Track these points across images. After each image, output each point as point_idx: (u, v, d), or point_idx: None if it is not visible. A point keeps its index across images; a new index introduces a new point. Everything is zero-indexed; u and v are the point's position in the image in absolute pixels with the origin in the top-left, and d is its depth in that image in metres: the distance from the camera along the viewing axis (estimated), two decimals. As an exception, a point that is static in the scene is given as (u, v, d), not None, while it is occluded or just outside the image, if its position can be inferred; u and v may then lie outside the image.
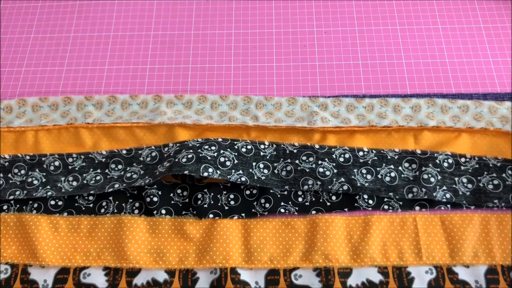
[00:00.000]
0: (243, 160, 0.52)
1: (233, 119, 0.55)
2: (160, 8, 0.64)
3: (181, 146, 0.52)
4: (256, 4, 0.64)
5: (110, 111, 0.57)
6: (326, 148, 0.52)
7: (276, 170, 0.52)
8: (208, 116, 0.56)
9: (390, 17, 0.62)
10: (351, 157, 0.52)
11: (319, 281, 0.46)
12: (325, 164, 0.51)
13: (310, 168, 0.51)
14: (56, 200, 0.51)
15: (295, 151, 0.53)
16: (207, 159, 0.50)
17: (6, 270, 0.48)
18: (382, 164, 0.52)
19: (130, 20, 0.63)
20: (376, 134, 0.54)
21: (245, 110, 0.56)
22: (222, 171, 0.50)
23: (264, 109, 0.56)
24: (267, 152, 0.53)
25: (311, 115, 0.55)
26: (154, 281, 0.47)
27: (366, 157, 0.52)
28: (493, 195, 0.50)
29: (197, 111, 0.56)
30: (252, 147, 0.53)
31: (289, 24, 0.62)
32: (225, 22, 0.63)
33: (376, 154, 0.52)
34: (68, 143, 0.55)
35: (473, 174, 0.51)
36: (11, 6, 0.65)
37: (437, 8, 0.62)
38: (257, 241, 0.48)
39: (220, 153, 0.51)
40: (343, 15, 0.62)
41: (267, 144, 0.53)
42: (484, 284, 0.46)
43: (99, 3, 0.65)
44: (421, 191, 0.49)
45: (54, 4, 0.65)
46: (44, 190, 0.51)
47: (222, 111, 0.56)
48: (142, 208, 0.50)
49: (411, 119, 0.54)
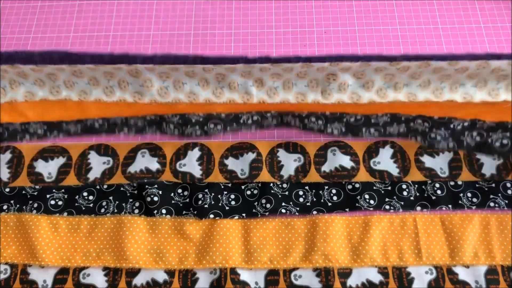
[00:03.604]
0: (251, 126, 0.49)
1: (233, 85, 0.45)
2: (160, 8, 0.64)
3: (182, 118, 0.48)
4: (256, 4, 0.64)
5: (77, 71, 0.43)
6: (338, 114, 0.48)
7: (285, 121, 0.49)
8: (203, 78, 0.45)
9: (390, 17, 0.62)
10: (362, 118, 0.48)
11: (319, 281, 0.46)
12: (334, 126, 0.48)
13: (317, 129, 0.48)
14: (56, 200, 0.51)
15: (303, 115, 0.48)
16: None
17: (5, 270, 0.48)
18: (393, 124, 0.48)
19: (130, 20, 0.63)
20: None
21: (246, 72, 0.44)
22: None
23: (271, 71, 0.44)
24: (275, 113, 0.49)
25: (327, 79, 0.44)
26: (154, 281, 0.47)
27: (378, 119, 0.48)
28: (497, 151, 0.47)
29: (186, 73, 0.44)
30: (258, 117, 0.49)
31: (289, 24, 0.62)
32: (225, 22, 0.62)
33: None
34: (53, 108, 0.47)
35: (487, 130, 0.47)
36: (11, 6, 0.65)
37: (437, 8, 0.62)
38: (257, 241, 0.48)
39: (227, 129, 0.49)
40: (343, 15, 0.62)
41: (273, 113, 0.49)
42: (484, 284, 0.46)
43: (99, 3, 0.65)
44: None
45: (54, 4, 0.65)
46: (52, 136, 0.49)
47: (219, 73, 0.44)
48: (143, 208, 0.50)
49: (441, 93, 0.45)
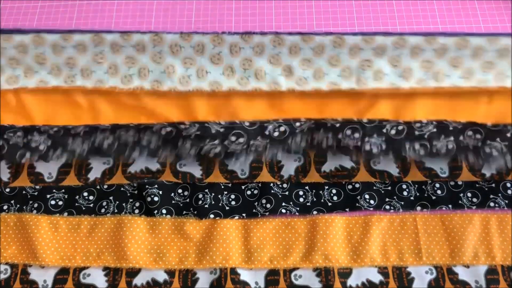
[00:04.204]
0: (277, 146, 0.46)
1: (259, 73, 0.44)
2: (160, 8, 0.64)
3: (201, 129, 0.46)
4: (256, 4, 0.64)
5: (98, 55, 0.46)
6: (376, 122, 0.44)
7: (315, 141, 0.46)
8: (228, 66, 0.45)
9: (390, 17, 0.62)
10: (405, 129, 0.44)
11: (319, 281, 0.46)
12: (372, 141, 0.44)
13: (354, 146, 0.45)
14: (57, 200, 0.51)
15: (337, 125, 0.45)
16: (235, 153, 0.46)
17: (6, 270, 0.48)
18: (441, 136, 0.44)
19: (130, 20, 0.63)
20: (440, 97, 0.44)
21: (275, 56, 0.44)
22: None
23: (301, 54, 0.44)
24: (304, 126, 0.45)
25: (361, 66, 0.45)
26: (154, 281, 0.47)
27: (423, 129, 0.44)
28: None
29: (212, 57, 0.45)
30: (286, 128, 0.45)
31: (289, 24, 0.62)
32: (225, 22, 0.62)
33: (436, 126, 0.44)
34: (62, 111, 0.48)
35: None
36: (11, 6, 0.65)
37: (437, 8, 0.62)
38: (257, 241, 0.48)
39: (250, 144, 0.45)
40: (343, 15, 0.62)
41: (303, 121, 0.45)
42: (484, 284, 0.46)
43: (99, 3, 0.65)
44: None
45: (54, 4, 0.65)
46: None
47: (246, 58, 0.44)
48: (143, 208, 0.50)
49: (491, 66, 0.44)
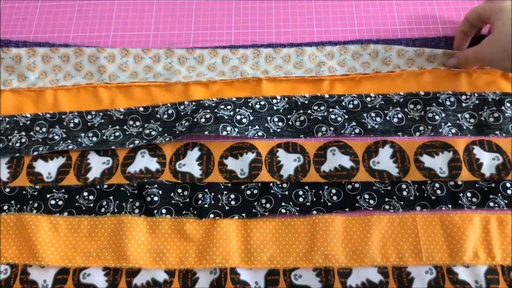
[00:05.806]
0: (258, 116, 0.54)
1: (244, 74, 0.57)
2: (160, 8, 0.64)
3: (197, 105, 0.54)
4: (256, 4, 0.64)
5: (123, 64, 0.58)
6: (336, 96, 0.55)
7: (290, 121, 0.55)
8: (221, 71, 0.58)
9: (390, 17, 0.62)
10: (359, 103, 0.55)
11: (319, 281, 0.46)
12: (336, 111, 0.54)
13: (322, 116, 0.54)
14: (56, 200, 0.51)
15: (306, 102, 0.55)
16: (224, 118, 0.53)
17: (5, 270, 0.48)
18: (389, 107, 0.54)
19: (130, 20, 0.63)
20: (382, 80, 0.57)
21: (255, 64, 0.58)
22: (240, 128, 0.53)
23: (274, 63, 0.58)
24: (280, 105, 0.55)
25: (319, 66, 0.57)
26: (154, 281, 0.47)
27: (373, 102, 0.55)
28: (494, 127, 0.53)
29: (209, 66, 0.58)
30: (265, 102, 0.55)
31: (289, 24, 0.62)
32: (225, 22, 0.62)
33: (383, 99, 0.55)
34: (87, 101, 0.57)
35: (475, 109, 0.54)
36: (11, 6, 0.65)
37: (437, 8, 0.62)
38: (257, 241, 0.48)
39: (236, 112, 0.54)
40: (343, 15, 0.62)
41: (279, 98, 0.56)
42: (484, 284, 0.46)
43: (99, 3, 0.65)
44: (428, 129, 0.52)
45: (54, 4, 0.65)
46: (65, 144, 0.53)
47: (234, 65, 0.58)
48: (143, 208, 0.50)
49: (413, 63, 0.57)
